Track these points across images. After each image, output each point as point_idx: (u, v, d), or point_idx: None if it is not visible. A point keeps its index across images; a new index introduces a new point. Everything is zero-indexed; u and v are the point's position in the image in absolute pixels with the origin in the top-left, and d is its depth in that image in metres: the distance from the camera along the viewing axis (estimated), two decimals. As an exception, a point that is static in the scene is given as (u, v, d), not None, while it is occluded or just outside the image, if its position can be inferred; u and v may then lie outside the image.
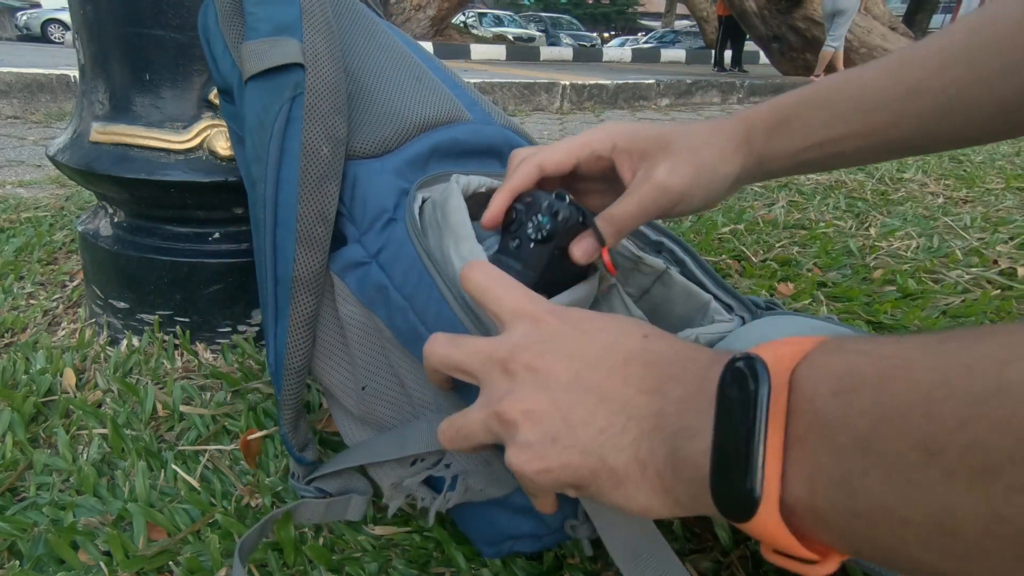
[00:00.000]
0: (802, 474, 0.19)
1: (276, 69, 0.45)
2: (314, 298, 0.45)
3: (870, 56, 5.72)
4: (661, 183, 0.39)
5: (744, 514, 0.19)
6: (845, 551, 0.19)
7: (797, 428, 0.19)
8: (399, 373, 0.44)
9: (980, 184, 1.65)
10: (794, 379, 0.20)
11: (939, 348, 0.17)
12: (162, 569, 0.45)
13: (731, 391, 0.20)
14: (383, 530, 0.48)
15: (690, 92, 4.23)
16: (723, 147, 0.41)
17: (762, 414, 0.19)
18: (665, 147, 0.40)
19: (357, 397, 0.46)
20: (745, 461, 0.19)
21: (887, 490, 0.17)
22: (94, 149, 0.69)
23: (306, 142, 0.44)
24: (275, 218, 0.45)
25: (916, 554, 0.17)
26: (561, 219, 0.38)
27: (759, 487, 0.19)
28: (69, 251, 1.05)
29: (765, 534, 0.20)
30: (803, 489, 0.19)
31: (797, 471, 0.19)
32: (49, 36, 10.99)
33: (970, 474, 0.15)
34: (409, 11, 6.94)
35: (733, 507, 0.20)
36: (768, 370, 0.20)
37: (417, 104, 0.52)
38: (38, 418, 0.61)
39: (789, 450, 0.19)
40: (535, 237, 0.39)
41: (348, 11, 0.56)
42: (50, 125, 2.47)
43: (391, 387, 0.44)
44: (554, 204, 0.39)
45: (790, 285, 0.96)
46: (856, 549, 0.19)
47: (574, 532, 0.41)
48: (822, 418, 0.19)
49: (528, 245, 0.39)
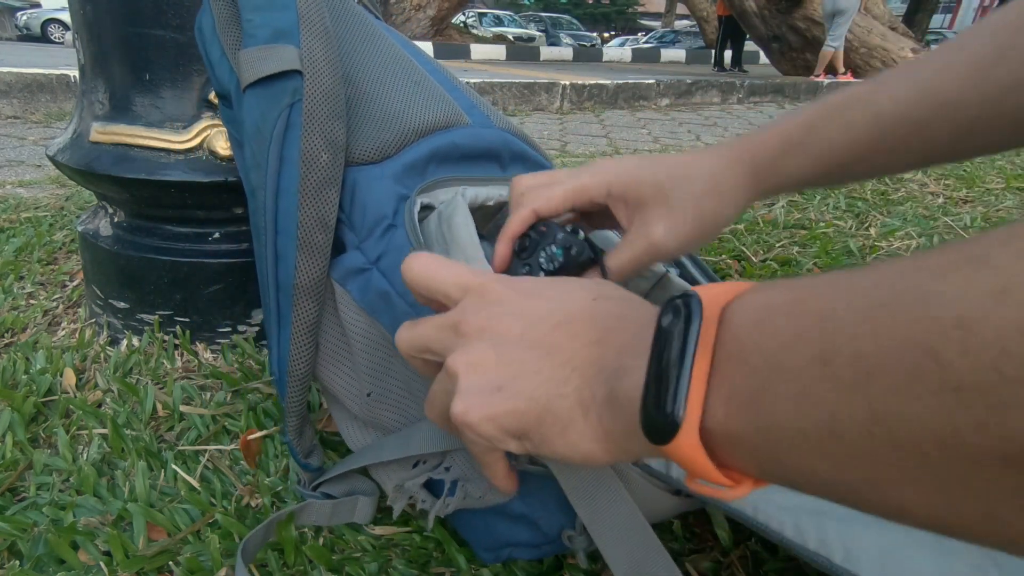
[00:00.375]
0: (721, 398, 0.20)
1: (274, 76, 0.45)
2: (316, 305, 0.45)
3: (870, 56, 5.72)
4: (658, 243, 0.38)
5: (666, 437, 0.20)
6: (757, 472, 0.21)
7: (720, 357, 0.20)
8: (404, 378, 0.44)
9: (980, 184, 1.65)
10: (724, 314, 0.21)
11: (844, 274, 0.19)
12: (162, 569, 0.45)
13: (667, 323, 0.22)
14: (383, 530, 0.48)
15: (690, 92, 4.23)
16: (726, 191, 0.39)
17: (691, 343, 0.20)
18: (663, 198, 0.38)
19: (362, 402, 0.46)
20: (673, 386, 0.20)
21: (788, 404, 0.18)
22: (94, 149, 0.69)
23: (305, 149, 0.44)
24: (275, 226, 0.45)
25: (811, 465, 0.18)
26: (574, 253, 0.38)
27: (682, 410, 0.20)
28: (69, 251, 1.05)
29: (684, 457, 0.21)
30: (721, 412, 0.20)
31: (716, 396, 0.20)
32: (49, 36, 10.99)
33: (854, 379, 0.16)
34: (409, 11, 6.94)
35: (657, 431, 0.21)
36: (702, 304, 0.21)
37: (416, 109, 0.52)
38: (38, 418, 0.61)
39: (712, 377, 0.20)
40: (546, 268, 0.39)
41: (345, 14, 0.56)
42: (50, 125, 2.47)
43: (396, 392, 0.44)
44: (568, 239, 0.39)
45: (790, 285, 0.96)
46: (765, 467, 0.20)
47: (571, 543, 0.41)
48: (740, 344, 0.20)
49: (537, 274, 0.39)
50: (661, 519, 0.45)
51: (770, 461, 0.19)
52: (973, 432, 0.14)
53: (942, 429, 0.15)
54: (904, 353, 0.15)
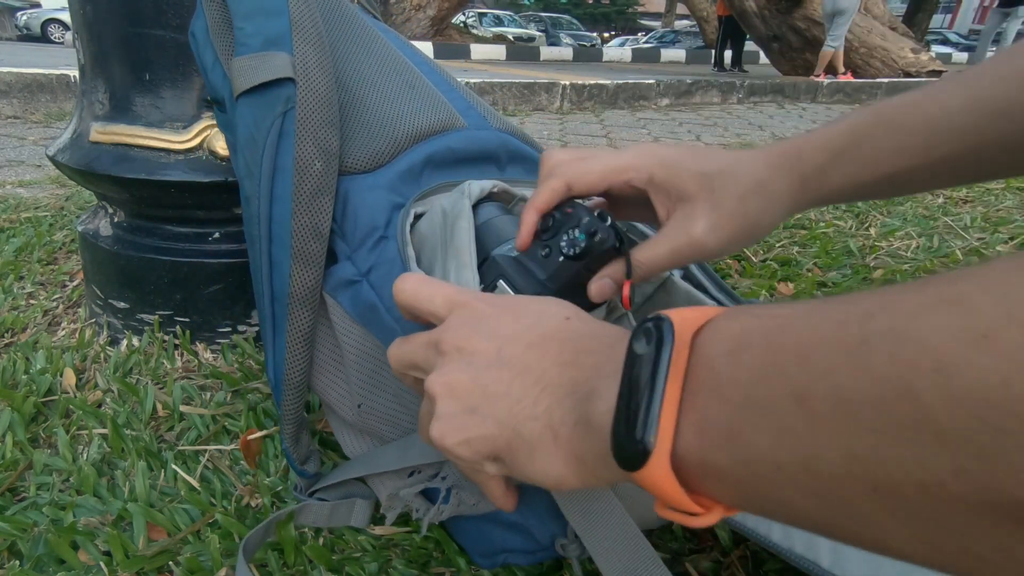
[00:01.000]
0: (693, 427, 0.20)
1: (267, 84, 0.44)
2: (311, 313, 0.45)
3: (870, 56, 5.72)
4: (699, 241, 0.36)
5: (636, 464, 0.20)
6: (730, 501, 0.21)
7: (692, 385, 0.20)
8: (395, 390, 0.44)
9: (980, 184, 1.65)
10: (696, 341, 0.21)
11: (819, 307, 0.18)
12: (162, 569, 0.45)
13: (639, 347, 0.21)
14: (383, 530, 0.48)
15: (690, 92, 4.23)
16: (773, 194, 0.37)
17: (663, 369, 0.20)
18: (708, 192, 0.36)
19: (355, 413, 0.46)
20: (644, 413, 0.20)
21: (764, 437, 0.18)
22: (94, 149, 0.69)
23: (299, 157, 0.43)
24: (269, 234, 0.45)
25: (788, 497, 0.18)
26: (597, 240, 0.36)
27: (653, 437, 0.20)
28: (69, 251, 1.05)
29: (654, 484, 0.20)
30: (693, 440, 0.20)
31: (689, 423, 0.20)
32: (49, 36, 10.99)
33: (832, 417, 0.16)
34: (409, 11, 6.93)
35: (628, 458, 0.21)
36: (674, 330, 0.21)
37: (410, 114, 0.51)
38: (38, 418, 0.61)
39: (684, 404, 0.20)
40: (567, 252, 0.37)
41: (339, 17, 0.56)
42: (50, 125, 2.47)
43: (386, 405, 0.44)
44: (594, 224, 0.37)
45: (790, 285, 0.96)
46: (739, 497, 0.20)
47: (564, 551, 0.41)
48: (714, 374, 0.20)
49: (557, 258, 0.37)
50: (655, 524, 0.45)
51: (746, 492, 0.19)
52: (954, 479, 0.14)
53: (921, 473, 0.15)
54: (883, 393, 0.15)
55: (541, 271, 0.38)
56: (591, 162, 0.38)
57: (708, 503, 0.21)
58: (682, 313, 0.22)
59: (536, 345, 0.26)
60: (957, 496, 0.14)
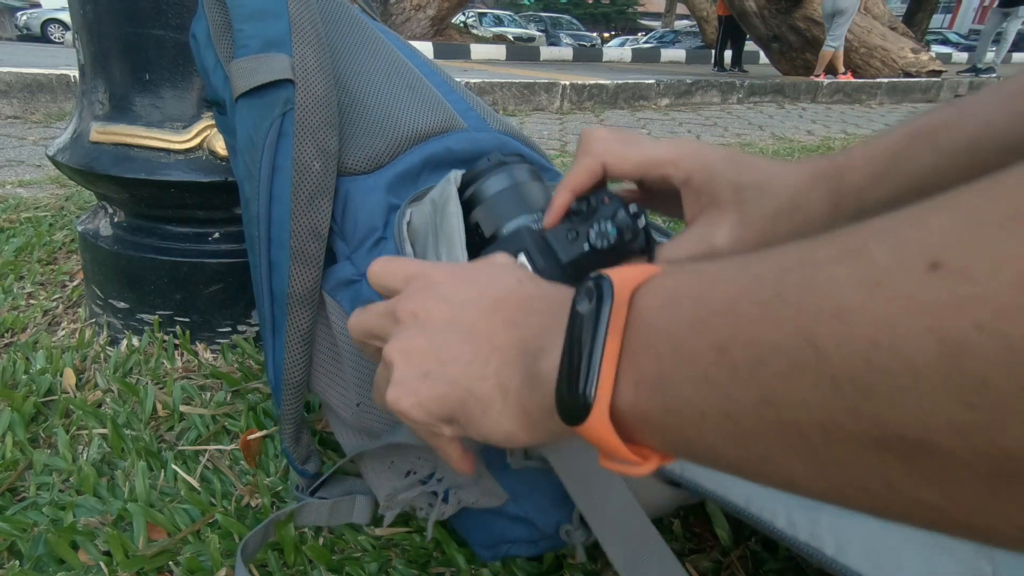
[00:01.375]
0: (630, 380, 0.21)
1: (266, 85, 0.44)
2: (310, 314, 0.45)
3: (870, 56, 5.72)
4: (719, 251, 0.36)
5: (579, 417, 0.21)
6: (664, 449, 0.22)
7: (630, 340, 0.21)
8: None
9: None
10: (634, 298, 0.22)
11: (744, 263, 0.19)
12: (162, 569, 0.45)
13: (580, 306, 0.22)
14: (383, 530, 0.48)
15: (690, 92, 4.23)
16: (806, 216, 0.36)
17: (602, 326, 0.21)
18: (738, 204, 0.36)
19: (353, 412, 0.46)
20: (585, 369, 0.21)
21: (689, 387, 0.19)
22: (94, 149, 0.69)
23: (298, 158, 0.44)
24: (268, 235, 0.45)
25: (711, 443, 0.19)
26: (628, 239, 0.36)
27: (593, 392, 0.21)
28: (69, 251, 1.05)
29: (596, 437, 0.22)
30: (630, 393, 0.21)
31: (626, 377, 0.21)
32: (49, 36, 10.98)
33: (747, 366, 0.17)
34: (409, 11, 6.94)
35: (570, 412, 0.22)
36: (613, 288, 0.22)
37: (409, 115, 0.51)
38: (38, 418, 0.61)
39: (622, 359, 0.21)
40: (594, 243, 0.37)
41: (339, 18, 0.56)
42: (50, 125, 2.47)
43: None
44: (627, 221, 0.36)
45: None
46: (670, 444, 0.21)
47: (569, 537, 0.41)
48: (648, 329, 0.21)
49: (583, 245, 0.37)
50: (660, 512, 0.45)
51: (675, 439, 0.21)
52: (847, 417, 0.15)
53: (821, 414, 0.16)
54: (790, 342, 0.16)
55: (564, 254, 0.38)
56: (630, 148, 0.38)
57: (646, 452, 0.22)
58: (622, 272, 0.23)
59: (488, 308, 0.27)
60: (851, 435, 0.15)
